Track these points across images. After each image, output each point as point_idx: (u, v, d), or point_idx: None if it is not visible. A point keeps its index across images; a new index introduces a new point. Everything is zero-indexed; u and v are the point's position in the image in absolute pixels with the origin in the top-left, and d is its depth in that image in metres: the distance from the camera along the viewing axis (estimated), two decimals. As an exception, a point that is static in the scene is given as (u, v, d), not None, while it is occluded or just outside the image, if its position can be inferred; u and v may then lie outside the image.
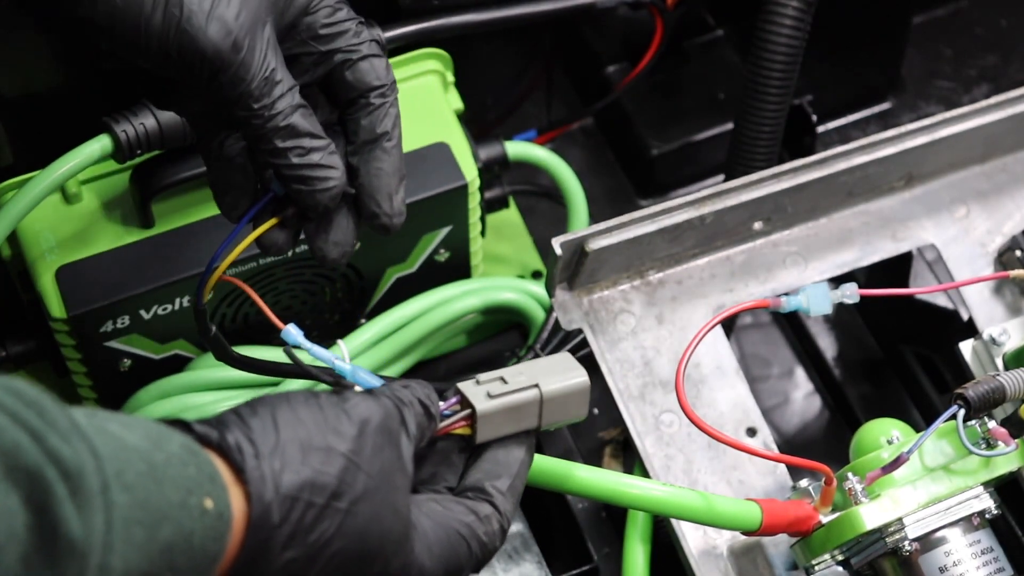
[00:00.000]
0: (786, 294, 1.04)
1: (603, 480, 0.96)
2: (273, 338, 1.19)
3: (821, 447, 1.28)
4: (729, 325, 1.25)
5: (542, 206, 1.38)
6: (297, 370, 0.92)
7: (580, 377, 0.90)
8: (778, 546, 1.05)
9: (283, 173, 0.91)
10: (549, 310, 1.21)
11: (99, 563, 0.67)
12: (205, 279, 0.93)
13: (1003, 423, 1.00)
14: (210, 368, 1.15)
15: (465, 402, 0.88)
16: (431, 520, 0.85)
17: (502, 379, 0.89)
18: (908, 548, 0.99)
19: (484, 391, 0.88)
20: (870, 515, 0.99)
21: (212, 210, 1.10)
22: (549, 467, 0.95)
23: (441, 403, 0.87)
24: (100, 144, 1.10)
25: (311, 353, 0.90)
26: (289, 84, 0.90)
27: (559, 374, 0.90)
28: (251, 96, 0.89)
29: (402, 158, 0.95)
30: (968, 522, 1.01)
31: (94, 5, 0.88)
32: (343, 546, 0.79)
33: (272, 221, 0.94)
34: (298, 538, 0.77)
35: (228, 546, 0.75)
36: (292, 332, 0.91)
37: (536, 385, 0.88)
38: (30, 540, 0.66)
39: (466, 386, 0.88)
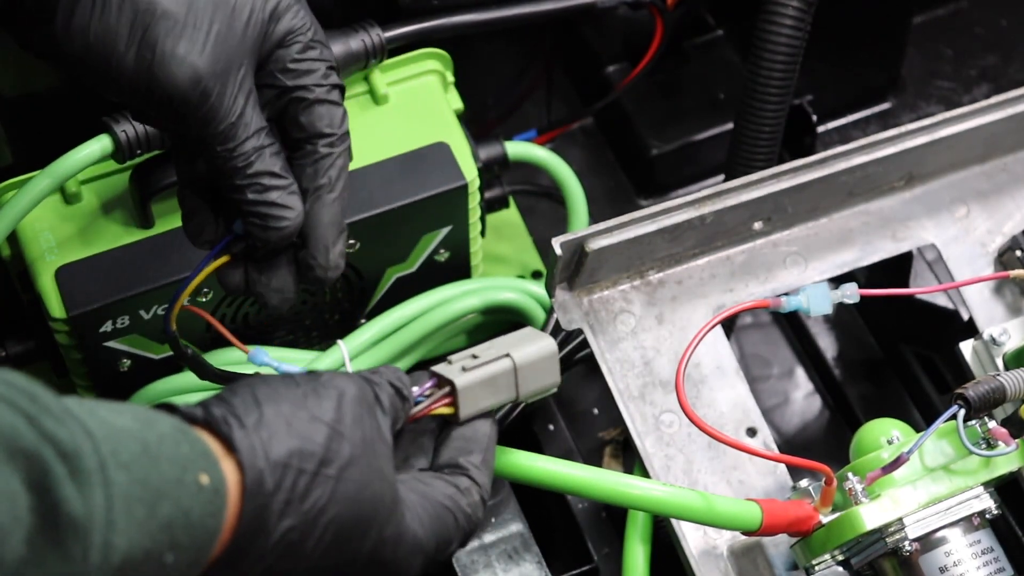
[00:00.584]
0: (786, 294, 1.04)
1: (603, 480, 0.96)
2: (274, 337, 1.19)
3: (821, 447, 1.28)
4: (729, 325, 1.25)
5: (542, 206, 1.38)
6: None
7: (547, 342, 0.92)
8: (778, 546, 1.05)
9: (241, 208, 0.92)
10: (549, 310, 1.21)
11: (102, 541, 0.69)
12: (170, 311, 0.95)
13: (1003, 423, 1.00)
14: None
15: (442, 381, 0.89)
16: (416, 494, 0.86)
17: (473, 355, 0.91)
18: (908, 548, 0.99)
19: (458, 367, 0.90)
20: (870, 515, 0.99)
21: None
22: (549, 467, 0.95)
23: (415, 388, 0.88)
24: (100, 144, 1.10)
25: (279, 371, 0.90)
26: (257, 126, 0.90)
27: (527, 344, 0.92)
28: (215, 139, 0.90)
29: (344, 211, 0.94)
30: (968, 522, 1.01)
31: (70, 37, 0.89)
32: (337, 512, 0.80)
33: (224, 258, 0.94)
34: (293, 505, 0.78)
35: (226, 520, 0.76)
36: (259, 355, 0.92)
37: (508, 355, 0.90)
38: (33, 521, 0.67)
39: (440, 367, 0.90)
